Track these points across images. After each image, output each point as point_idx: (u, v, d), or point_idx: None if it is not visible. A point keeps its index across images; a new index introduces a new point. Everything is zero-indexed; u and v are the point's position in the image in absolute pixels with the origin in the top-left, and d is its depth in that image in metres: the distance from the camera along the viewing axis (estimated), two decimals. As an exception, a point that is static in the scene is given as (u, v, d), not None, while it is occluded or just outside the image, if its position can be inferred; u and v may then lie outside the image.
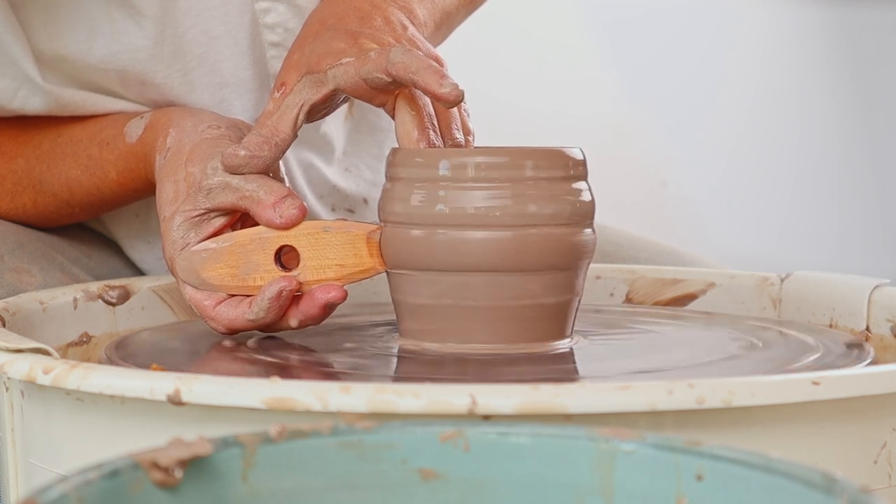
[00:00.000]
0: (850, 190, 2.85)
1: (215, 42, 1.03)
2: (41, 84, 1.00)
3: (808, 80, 2.84)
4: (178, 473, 0.53)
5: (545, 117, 2.58)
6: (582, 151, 0.87)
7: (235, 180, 0.89)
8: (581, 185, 0.86)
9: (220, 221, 0.90)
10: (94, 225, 1.14)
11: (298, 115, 0.90)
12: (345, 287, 0.88)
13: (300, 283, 0.88)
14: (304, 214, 0.89)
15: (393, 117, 0.90)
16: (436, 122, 0.90)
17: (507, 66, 2.50)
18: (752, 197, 2.80)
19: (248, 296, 0.89)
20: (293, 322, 0.89)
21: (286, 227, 0.88)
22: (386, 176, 0.88)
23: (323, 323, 0.98)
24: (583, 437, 0.56)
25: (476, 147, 0.91)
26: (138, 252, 1.13)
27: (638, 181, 2.69)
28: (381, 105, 0.90)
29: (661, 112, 2.72)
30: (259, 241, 0.88)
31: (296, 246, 0.88)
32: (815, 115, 2.84)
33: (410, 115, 0.89)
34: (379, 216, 0.88)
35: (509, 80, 2.54)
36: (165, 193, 0.93)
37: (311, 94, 0.90)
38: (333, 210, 1.17)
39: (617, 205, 1.74)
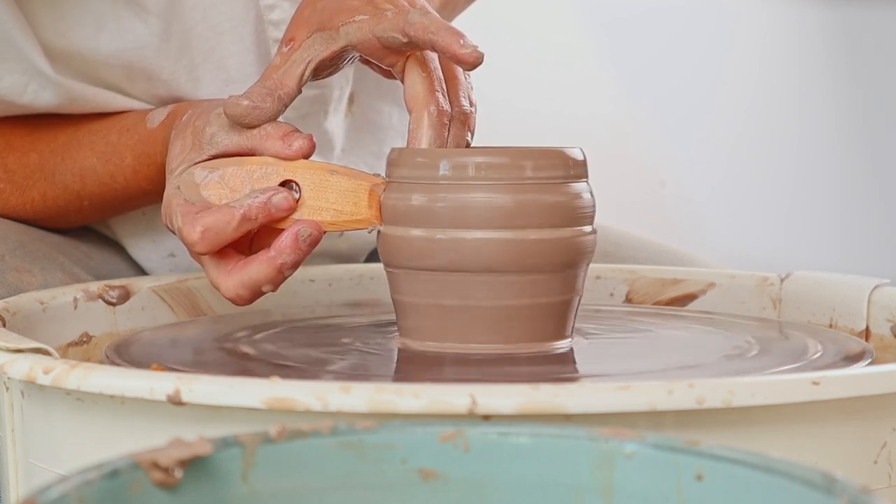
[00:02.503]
0: (851, 190, 2.85)
1: (221, 38, 1.04)
2: (52, 76, 1.00)
3: (808, 79, 2.84)
4: (178, 473, 0.53)
5: (544, 117, 2.58)
6: (582, 151, 0.87)
7: (239, 127, 0.89)
8: (581, 185, 0.86)
9: None
10: (97, 225, 1.14)
11: (305, 70, 0.90)
12: (341, 233, 0.87)
13: (294, 205, 0.87)
14: (313, 148, 0.88)
15: (402, 80, 0.90)
16: (444, 87, 0.90)
17: (506, 67, 2.50)
18: (751, 197, 2.80)
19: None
20: (272, 251, 0.86)
21: (295, 156, 0.88)
22: (386, 175, 0.88)
23: (323, 322, 0.98)
24: (583, 437, 0.56)
25: (476, 147, 0.91)
26: (143, 251, 1.13)
27: (638, 181, 2.69)
28: (390, 66, 0.90)
29: (661, 112, 2.72)
30: (265, 171, 0.88)
31: (299, 182, 0.88)
32: (815, 114, 2.84)
33: (421, 76, 0.89)
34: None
35: (508, 81, 2.54)
36: (173, 151, 0.92)
37: (320, 51, 0.90)
38: None
39: (617, 205, 1.74)
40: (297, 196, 0.88)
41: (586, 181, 0.87)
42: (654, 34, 2.70)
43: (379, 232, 0.88)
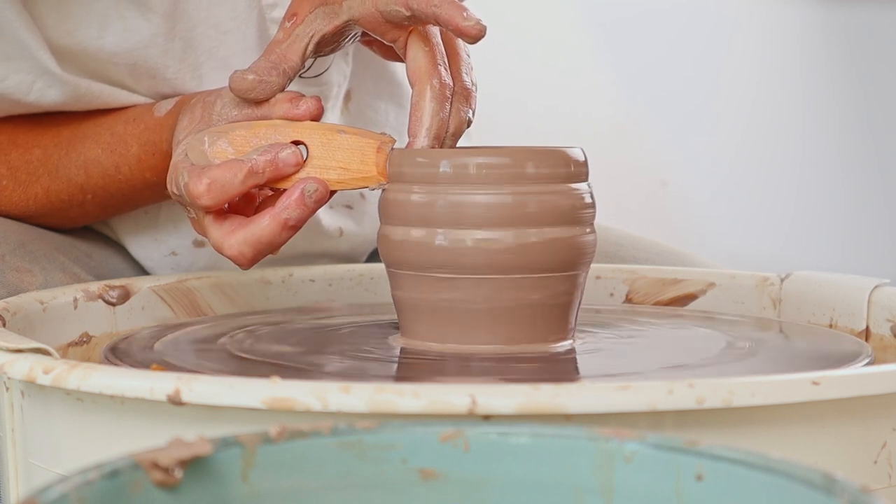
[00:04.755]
0: (851, 190, 2.85)
1: (225, 37, 1.04)
2: (59, 74, 1.00)
3: (809, 79, 2.84)
4: (179, 473, 0.53)
5: (545, 118, 2.58)
6: (583, 152, 0.87)
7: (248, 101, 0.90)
8: (582, 185, 0.86)
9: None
10: (98, 225, 1.14)
11: (308, 44, 0.90)
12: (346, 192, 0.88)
13: (301, 161, 0.88)
14: (321, 110, 0.89)
15: (403, 56, 0.90)
16: (447, 62, 0.90)
17: (507, 67, 2.49)
18: (752, 197, 2.80)
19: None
20: (277, 207, 0.87)
21: (303, 117, 0.88)
22: (386, 176, 0.88)
23: (323, 323, 0.98)
24: (583, 438, 0.56)
25: (477, 147, 0.91)
26: (144, 249, 1.13)
27: (638, 182, 2.69)
28: (393, 42, 0.90)
29: (662, 112, 2.72)
30: (273, 132, 0.89)
31: (307, 142, 0.88)
32: (816, 115, 2.84)
33: (423, 51, 0.89)
34: (379, 215, 0.88)
35: (510, 81, 2.54)
36: (181, 124, 0.93)
37: (322, 25, 0.90)
38: (331, 207, 1.17)
39: (617, 205, 1.74)
40: (304, 156, 0.88)
41: (587, 181, 0.87)
42: (656, 35, 2.70)
43: (379, 232, 0.88)
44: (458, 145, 0.92)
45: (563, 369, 0.84)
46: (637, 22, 2.71)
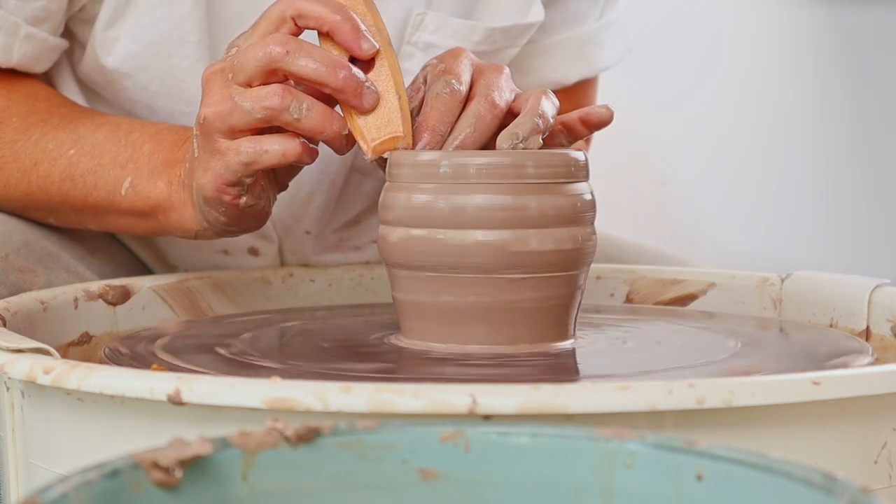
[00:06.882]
0: (852, 190, 2.85)
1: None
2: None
3: (811, 81, 2.84)
4: (179, 473, 0.53)
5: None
6: (583, 152, 0.87)
7: None
8: (582, 186, 0.86)
9: None
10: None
11: None
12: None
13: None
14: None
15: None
16: (468, 72, 0.91)
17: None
18: (752, 198, 2.80)
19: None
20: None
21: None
22: (387, 176, 0.88)
23: (323, 322, 0.98)
24: (583, 437, 0.56)
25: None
26: (143, 247, 1.14)
27: (638, 182, 2.69)
28: None
29: (662, 113, 2.72)
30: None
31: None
32: (819, 115, 2.84)
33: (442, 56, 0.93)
34: (380, 216, 0.88)
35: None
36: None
37: None
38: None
39: (618, 206, 1.74)
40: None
41: (587, 182, 0.87)
42: (656, 37, 2.70)
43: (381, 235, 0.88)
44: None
45: (563, 369, 0.84)
46: (637, 24, 2.71)
